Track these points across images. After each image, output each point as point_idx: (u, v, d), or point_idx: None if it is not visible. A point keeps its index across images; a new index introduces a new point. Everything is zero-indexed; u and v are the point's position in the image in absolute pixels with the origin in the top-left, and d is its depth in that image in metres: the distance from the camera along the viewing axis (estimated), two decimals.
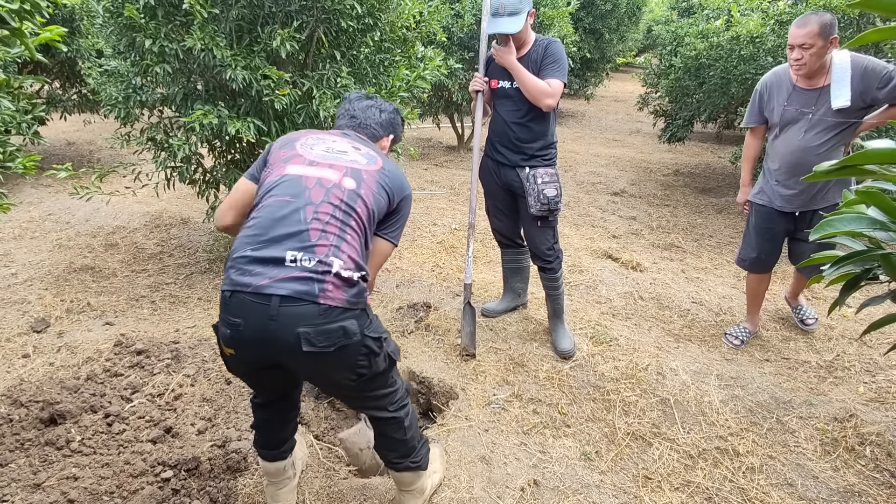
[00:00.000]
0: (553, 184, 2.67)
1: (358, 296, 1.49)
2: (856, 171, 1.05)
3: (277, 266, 1.40)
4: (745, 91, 5.17)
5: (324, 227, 1.48)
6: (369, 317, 1.56)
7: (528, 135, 2.68)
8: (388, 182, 1.68)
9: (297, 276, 1.40)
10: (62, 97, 5.56)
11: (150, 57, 2.72)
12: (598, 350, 2.86)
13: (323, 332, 1.40)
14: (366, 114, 1.85)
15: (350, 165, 1.63)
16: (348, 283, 1.47)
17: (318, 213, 1.49)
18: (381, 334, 1.58)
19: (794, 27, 2.43)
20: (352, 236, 1.52)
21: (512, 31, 2.48)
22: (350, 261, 1.49)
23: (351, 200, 1.56)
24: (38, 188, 4.97)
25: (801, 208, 2.68)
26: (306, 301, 1.39)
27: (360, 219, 1.57)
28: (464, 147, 7.70)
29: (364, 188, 1.60)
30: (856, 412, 2.42)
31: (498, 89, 2.72)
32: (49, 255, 3.68)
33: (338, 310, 1.43)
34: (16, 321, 2.90)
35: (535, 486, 2.02)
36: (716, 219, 5.22)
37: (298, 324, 1.38)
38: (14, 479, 1.88)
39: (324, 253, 1.45)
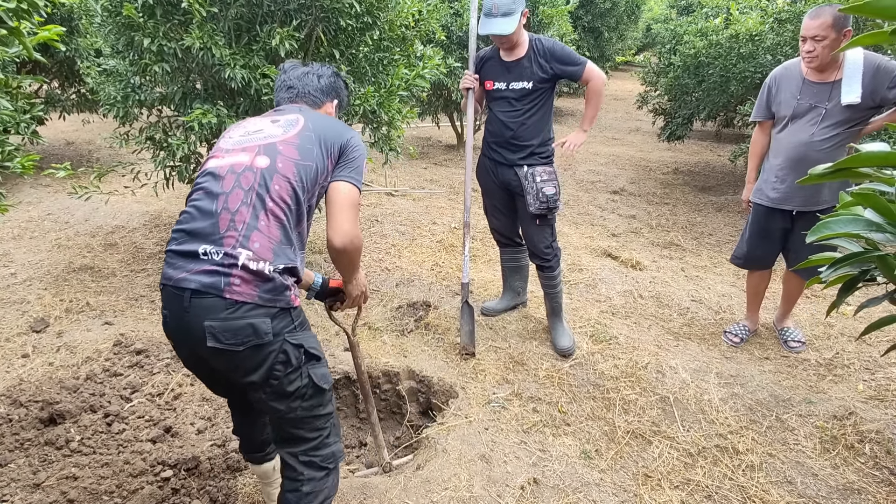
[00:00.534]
0: (552, 182, 2.67)
1: (274, 292, 1.36)
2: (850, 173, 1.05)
3: (193, 260, 1.36)
4: (745, 89, 5.17)
5: (233, 217, 1.37)
6: (294, 321, 1.41)
7: (525, 133, 2.68)
8: (316, 136, 1.53)
9: (206, 270, 1.34)
10: (61, 97, 5.55)
11: (149, 56, 2.71)
12: (598, 348, 2.86)
13: (229, 328, 1.31)
14: (302, 81, 1.72)
15: (263, 143, 1.50)
16: (259, 276, 1.34)
17: (227, 202, 1.39)
18: (308, 347, 1.43)
19: (807, 18, 2.42)
20: (267, 222, 1.38)
21: (506, 31, 2.47)
22: (264, 250, 1.36)
23: (265, 180, 1.42)
24: (37, 188, 4.97)
25: (799, 207, 2.67)
26: (212, 294, 1.32)
27: (282, 198, 1.42)
28: (463, 146, 7.69)
29: (281, 161, 1.46)
30: (855, 410, 2.42)
31: (493, 90, 2.71)
32: (48, 255, 3.68)
33: (247, 305, 1.32)
34: (15, 321, 2.90)
35: (535, 484, 2.02)
36: (715, 217, 5.22)
37: (205, 317, 1.32)
38: (14, 478, 1.88)
39: (231, 244, 1.35)
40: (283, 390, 1.41)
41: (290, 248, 1.43)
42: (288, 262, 1.40)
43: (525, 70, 2.62)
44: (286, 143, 1.49)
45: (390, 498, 1.92)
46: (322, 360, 1.49)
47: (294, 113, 1.60)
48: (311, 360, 1.44)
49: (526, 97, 2.65)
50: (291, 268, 1.41)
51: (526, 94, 2.64)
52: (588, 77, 2.63)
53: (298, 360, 1.41)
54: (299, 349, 1.40)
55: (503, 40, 2.56)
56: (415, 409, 2.57)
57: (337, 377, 2.55)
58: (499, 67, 2.68)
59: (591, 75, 2.63)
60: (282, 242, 1.40)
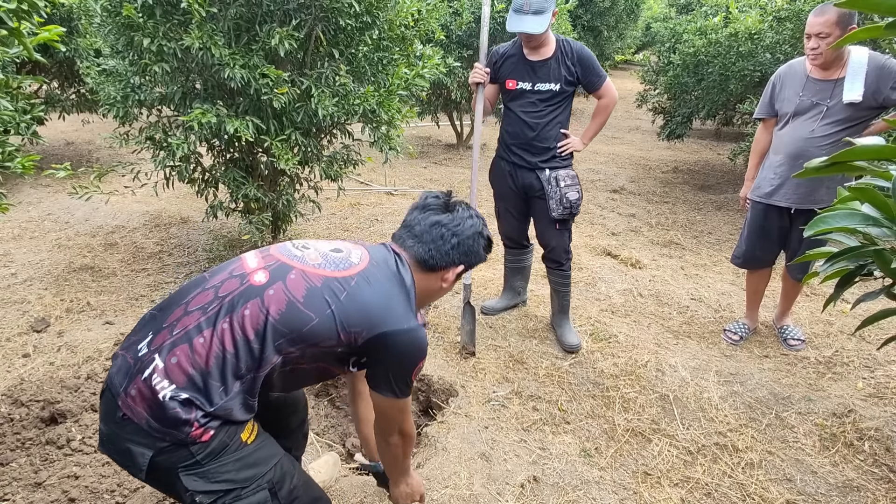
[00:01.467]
0: (575, 187, 2.64)
1: (165, 423, 1.07)
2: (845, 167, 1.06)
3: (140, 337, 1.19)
4: (744, 87, 5.17)
5: (182, 316, 1.16)
6: (196, 455, 1.10)
7: (548, 135, 2.64)
8: (348, 304, 1.19)
9: (130, 358, 1.16)
10: (61, 97, 5.55)
11: (149, 56, 2.72)
12: (598, 347, 2.87)
13: (113, 442, 1.12)
14: (430, 234, 1.36)
15: (285, 260, 1.23)
16: (154, 397, 1.08)
17: (194, 299, 1.18)
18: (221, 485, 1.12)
19: (812, 16, 2.41)
20: (203, 344, 1.11)
21: (537, 31, 2.40)
22: (177, 371, 1.09)
23: (241, 298, 1.16)
24: (37, 188, 4.97)
25: (796, 204, 2.67)
26: (111, 399, 1.13)
27: (243, 328, 1.13)
28: (463, 145, 7.70)
29: (276, 289, 1.17)
30: (854, 408, 2.43)
31: (516, 90, 2.64)
32: (48, 255, 3.68)
33: (133, 427, 1.09)
34: (16, 321, 2.90)
35: (534, 482, 2.03)
36: (715, 216, 5.23)
37: (102, 418, 1.16)
38: (15, 478, 1.89)
39: (157, 345, 1.13)
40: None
41: (219, 388, 1.11)
42: (200, 398, 1.10)
43: (553, 71, 2.56)
44: (301, 276, 1.20)
45: None
46: (248, 486, 1.15)
47: (363, 253, 1.30)
48: (227, 495, 1.13)
49: (552, 99, 2.60)
50: (200, 404, 1.10)
51: (553, 96, 2.59)
52: (603, 93, 2.63)
53: (194, 501, 1.12)
54: (193, 494, 1.10)
55: (531, 39, 2.49)
56: (415, 407, 2.58)
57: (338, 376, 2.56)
58: (523, 66, 2.59)
59: (606, 92, 2.64)
60: (209, 375, 1.10)
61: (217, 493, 1.12)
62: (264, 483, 1.18)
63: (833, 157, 1.02)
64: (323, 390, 2.58)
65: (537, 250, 2.96)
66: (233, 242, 3.92)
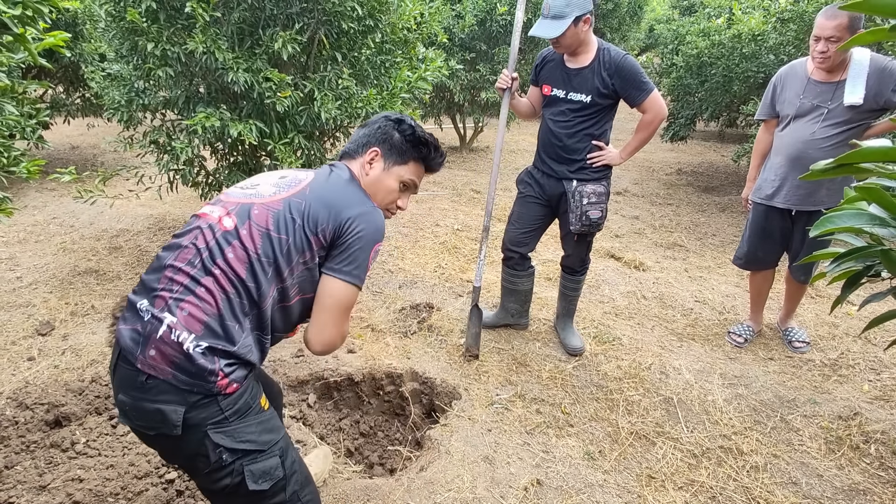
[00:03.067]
0: (599, 205, 2.53)
1: (194, 375, 1.13)
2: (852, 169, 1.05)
3: (132, 312, 1.22)
4: (748, 89, 5.16)
5: (173, 275, 1.20)
6: (224, 411, 1.15)
7: (576, 145, 2.52)
8: (308, 205, 1.28)
9: (135, 328, 1.19)
10: (66, 101, 5.59)
11: (153, 60, 2.73)
12: (602, 349, 2.86)
13: (139, 409, 1.15)
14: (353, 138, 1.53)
15: (242, 201, 1.30)
16: (179, 351, 1.13)
17: (178, 258, 1.23)
18: (237, 444, 1.17)
19: (822, 18, 2.38)
20: (206, 291, 1.18)
21: (550, 35, 2.31)
22: (192, 321, 1.15)
23: (220, 244, 1.22)
24: (43, 192, 5.00)
25: (797, 206, 2.66)
26: (129, 362, 1.16)
27: (233, 269, 1.20)
28: (466, 147, 7.70)
29: (247, 228, 1.24)
30: (860, 410, 2.41)
31: (551, 96, 2.54)
32: (53, 259, 3.70)
33: (162, 385, 1.13)
34: (21, 324, 2.92)
35: (538, 485, 2.02)
36: (719, 217, 5.21)
37: (121, 389, 1.18)
38: (20, 480, 1.89)
39: (160, 306, 1.17)
40: (210, 487, 1.21)
41: (235, 327, 1.19)
42: (222, 342, 1.16)
43: (586, 81, 2.42)
44: (264, 208, 1.28)
45: (393, 499, 1.93)
46: (266, 450, 1.21)
47: (308, 172, 1.41)
48: (246, 456, 1.18)
49: (583, 110, 2.47)
50: (223, 348, 1.16)
51: (583, 108, 2.46)
52: (646, 108, 2.43)
53: (221, 460, 1.16)
54: (220, 450, 1.15)
55: (555, 44, 2.41)
56: (418, 410, 2.58)
57: (340, 378, 2.56)
58: (560, 73, 2.50)
59: (651, 106, 2.42)
60: (223, 318, 1.18)
61: (239, 453, 1.17)
62: (276, 450, 1.24)
63: (839, 158, 1.01)
64: (326, 393, 2.58)
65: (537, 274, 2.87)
66: None
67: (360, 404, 2.60)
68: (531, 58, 6.42)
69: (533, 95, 2.69)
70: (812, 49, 2.47)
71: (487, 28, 6.04)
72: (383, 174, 1.46)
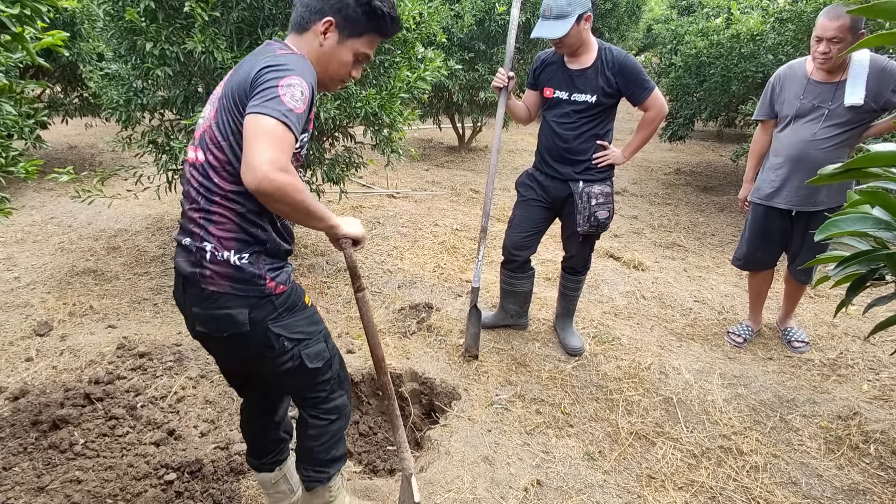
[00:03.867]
0: (607, 205, 2.54)
1: (247, 282, 1.35)
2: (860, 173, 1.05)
3: (181, 248, 1.43)
4: (746, 89, 5.17)
5: (192, 216, 1.37)
6: (278, 308, 1.40)
7: (581, 146, 2.52)
8: (230, 93, 1.30)
9: (189, 260, 1.39)
10: (64, 101, 5.57)
11: (151, 60, 2.72)
12: (601, 349, 2.86)
13: (211, 316, 1.38)
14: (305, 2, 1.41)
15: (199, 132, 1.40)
16: (227, 266, 1.34)
17: (188, 203, 1.39)
18: (292, 334, 1.43)
19: (824, 19, 2.37)
20: (220, 215, 1.33)
21: (555, 35, 2.30)
22: (226, 240, 1.33)
23: (203, 176, 1.34)
24: (41, 192, 4.99)
25: (797, 206, 2.66)
26: (195, 285, 1.38)
27: (222, 189, 1.32)
28: (464, 147, 7.70)
29: (208, 151, 1.34)
30: (860, 410, 2.42)
31: (553, 99, 2.53)
32: (51, 259, 3.69)
33: (224, 296, 1.35)
34: (19, 325, 2.91)
35: (538, 486, 2.02)
36: (718, 217, 5.22)
37: (192, 304, 1.40)
38: (18, 482, 1.89)
39: (198, 239, 1.36)
40: (275, 371, 1.47)
41: (254, 227, 1.35)
42: (256, 246, 1.36)
43: (590, 81, 2.43)
44: (208, 126, 1.36)
45: (394, 500, 1.92)
46: (314, 337, 1.49)
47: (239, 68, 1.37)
48: (301, 343, 1.45)
49: (587, 111, 2.47)
50: (260, 250, 1.37)
51: (588, 108, 2.47)
52: (648, 106, 2.46)
53: (283, 347, 1.42)
54: (282, 338, 1.41)
55: (558, 45, 2.40)
56: (418, 410, 2.57)
57: None
58: (562, 75, 2.49)
59: (653, 104, 2.46)
60: (242, 227, 1.34)
61: (295, 341, 1.44)
62: (321, 336, 1.52)
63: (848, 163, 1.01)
64: None
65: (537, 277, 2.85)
66: None
67: (360, 405, 2.60)
68: (529, 57, 6.42)
69: (530, 99, 2.66)
70: (813, 50, 2.46)
71: (486, 28, 6.03)
72: (338, 47, 1.41)
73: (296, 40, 1.42)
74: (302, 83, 1.25)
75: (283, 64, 1.27)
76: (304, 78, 1.27)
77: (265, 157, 1.16)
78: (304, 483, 1.66)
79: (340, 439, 1.65)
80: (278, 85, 1.22)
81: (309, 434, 1.59)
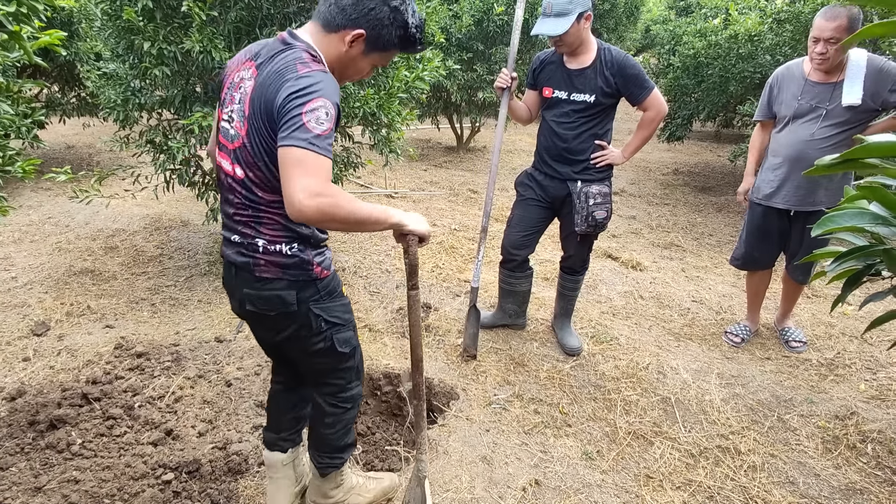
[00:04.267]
0: (605, 205, 2.54)
1: (297, 268, 1.48)
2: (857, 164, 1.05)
3: (228, 243, 1.54)
4: (744, 89, 5.18)
5: (241, 219, 1.47)
6: (320, 291, 1.53)
7: (580, 146, 2.52)
8: (266, 101, 1.31)
9: (239, 251, 1.50)
10: (61, 100, 5.56)
11: (149, 59, 2.72)
12: (599, 349, 2.86)
13: (261, 297, 1.51)
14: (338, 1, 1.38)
15: (231, 145, 1.44)
16: (279, 256, 1.47)
17: (232, 210, 1.49)
18: (330, 317, 1.56)
19: (821, 19, 2.38)
20: (268, 217, 1.44)
21: (556, 32, 2.30)
22: (276, 235, 1.45)
23: (247, 188, 1.42)
24: (38, 191, 4.98)
25: (795, 206, 2.67)
26: (246, 271, 1.50)
27: (266, 198, 1.41)
28: (463, 148, 7.70)
29: (243, 155, 1.40)
30: (857, 410, 2.42)
31: (552, 98, 2.53)
32: (49, 259, 3.68)
33: (274, 281, 1.48)
34: (16, 325, 2.90)
35: (536, 485, 2.02)
36: (715, 217, 5.23)
37: (244, 286, 1.52)
38: (15, 482, 1.88)
39: (249, 236, 1.47)
40: (308, 350, 1.59)
41: (299, 226, 1.48)
42: (301, 235, 1.48)
43: (589, 81, 2.43)
44: (244, 150, 1.40)
45: (391, 500, 1.92)
46: (346, 325, 1.62)
47: (251, 74, 1.39)
48: (334, 327, 1.58)
49: (586, 110, 2.48)
50: (306, 237, 1.48)
51: (587, 108, 2.47)
52: (648, 105, 2.46)
53: (319, 327, 1.55)
54: (320, 319, 1.55)
55: (558, 43, 2.40)
56: None
57: None
58: (561, 74, 2.49)
59: (652, 104, 2.46)
60: (288, 226, 1.46)
61: (330, 324, 1.57)
62: (351, 327, 1.65)
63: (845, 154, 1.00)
64: None
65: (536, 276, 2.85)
66: None
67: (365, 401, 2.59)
68: (527, 57, 6.43)
69: (529, 99, 2.66)
70: (811, 50, 2.47)
71: (484, 28, 6.04)
72: (361, 57, 1.44)
73: (319, 38, 1.41)
74: (326, 104, 1.27)
75: (306, 88, 1.27)
76: (328, 98, 1.28)
77: (297, 187, 1.22)
78: (319, 469, 1.78)
79: (352, 427, 1.80)
80: (302, 113, 1.25)
81: (325, 422, 1.71)
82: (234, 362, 2.58)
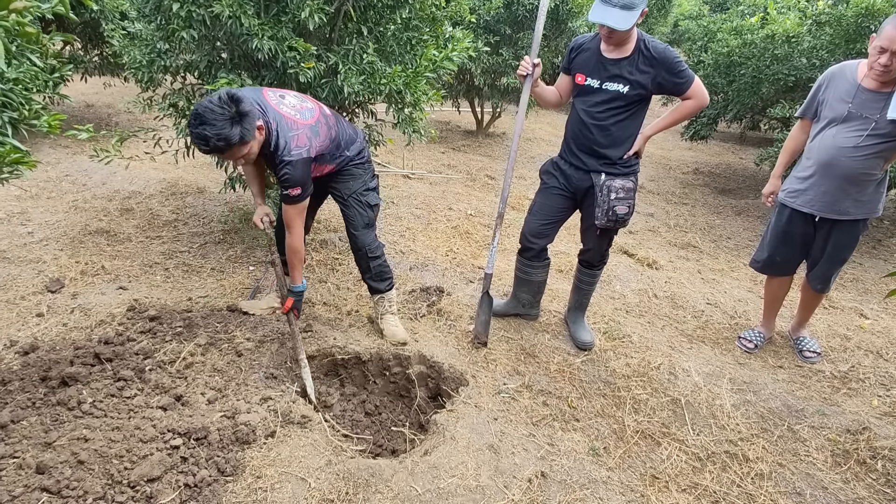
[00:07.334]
0: (627, 200, 2.48)
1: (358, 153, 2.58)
2: None
3: None
4: (776, 92, 5.06)
5: None
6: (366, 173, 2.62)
7: (609, 139, 2.45)
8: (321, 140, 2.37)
9: None
10: (83, 58, 5.53)
11: (177, 21, 2.67)
12: (611, 346, 2.84)
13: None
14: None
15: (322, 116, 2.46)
16: None
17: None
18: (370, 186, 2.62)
19: (891, 29, 2.23)
20: None
21: (622, 27, 2.19)
22: None
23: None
24: (56, 148, 4.98)
25: (823, 212, 2.60)
26: None
27: None
28: (482, 132, 7.62)
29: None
30: (869, 425, 2.39)
31: (584, 86, 2.45)
32: (65, 216, 3.69)
33: None
34: (31, 280, 2.91)
35: (542, 478, 2.01)
36: (735, 221, 5.15)
37: None
38: (25, 436, 1.90)
39: None
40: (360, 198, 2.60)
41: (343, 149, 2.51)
42: None
43: (625, 71, 2.34)
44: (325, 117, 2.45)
45: (396, 482, 1.92)
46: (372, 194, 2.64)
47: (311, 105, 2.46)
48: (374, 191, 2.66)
49: (618, 100, 2.39)
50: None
51: (618, 98, 2.38)
52: (692, 94, 2.36)
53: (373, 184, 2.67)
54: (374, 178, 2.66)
55: (612, 35, 2.28)
56: (423, 393, 2.57)
57: (347, 356, 2.55)
58: (596, 62, 2.40)
59: (696, 93, 2.36)
60: None
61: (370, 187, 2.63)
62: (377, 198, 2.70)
63: None
64: (332, 370, 2.57)
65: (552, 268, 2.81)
66: (248, 215, 3.91)
67: (366, 383, 2.59)
68: (555, 45, 6.30)
69: (562, 84, 2.59)
70: (873, 59, 2.33)
71: (514, 11, 5.92)
72: None
73: None
74: None
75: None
76: None
77: None
78: (371, 293, 2.74)
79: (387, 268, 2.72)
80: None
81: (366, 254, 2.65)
82: (246, 332, 2.58)
